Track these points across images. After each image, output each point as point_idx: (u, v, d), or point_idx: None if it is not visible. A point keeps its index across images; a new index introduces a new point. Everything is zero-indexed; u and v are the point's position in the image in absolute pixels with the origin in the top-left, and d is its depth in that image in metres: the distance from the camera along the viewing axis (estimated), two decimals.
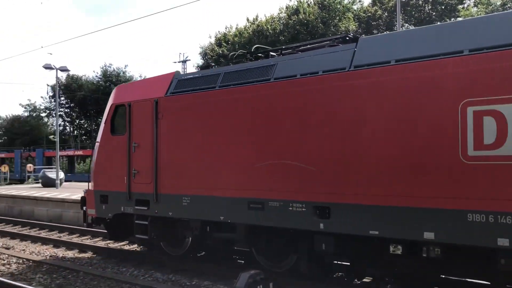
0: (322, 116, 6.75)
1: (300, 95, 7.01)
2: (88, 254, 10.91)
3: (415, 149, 5.92)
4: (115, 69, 56.81)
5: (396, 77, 6.14)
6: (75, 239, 12.95)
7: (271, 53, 8.64)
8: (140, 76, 54.18)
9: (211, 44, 43.15)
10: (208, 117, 8.12)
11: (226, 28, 44.12)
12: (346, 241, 6.83)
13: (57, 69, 24.81)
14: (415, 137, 5.94)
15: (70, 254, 11.07)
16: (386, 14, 40.06)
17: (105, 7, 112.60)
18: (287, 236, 7.60)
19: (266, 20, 40.89)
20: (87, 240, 12.63)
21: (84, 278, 8.76)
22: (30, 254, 11.08)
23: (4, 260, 10.40)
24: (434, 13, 38.59)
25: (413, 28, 8.13)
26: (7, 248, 11.80)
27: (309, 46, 8.15)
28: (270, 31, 38.92)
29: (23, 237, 13.30)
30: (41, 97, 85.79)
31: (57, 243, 12.22)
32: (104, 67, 56.75)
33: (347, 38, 7.60)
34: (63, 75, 42.79)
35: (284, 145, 7.12)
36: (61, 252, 11.23)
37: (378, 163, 6.20)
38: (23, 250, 11.62)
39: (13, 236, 13.63)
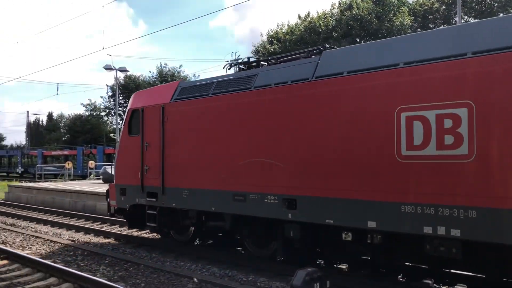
0: (289, 121, 7.93)
1: (273, 102, 8.21)
2: (147, 248, 11.30)
3: (361, 150, 6.94)
4: (170, 69, 58.27)
5: (347, 87, 7.21)
6: (134, 233, 13.45)
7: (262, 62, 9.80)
8: (194, 76, 55.28)
9: (263, 42, 43.30)
10: (201, 120, 9.54)
11: (277, 25, 44.15)
12: (309, 229, 8.00)
13: (116, 69, 25.85)
14: (361, 139, 6.91)
15: (130, 247, 11.51)
16: (443, 7, 38.61)
17: (156, 8, 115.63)
18: (265, 225, 8.79)
19: (318, 16, 40.49)
20: (145, 234, 13.09)
21: (145, 271, 9.13)
22: (94, 246, 11.67)
23: (70, 252, 11.05)
24: (496, 4, 36.74)
25: (364, 43, 9.74)
26: (73, 241, 12.49)
27: (289, 57, 9.15)
28: (323, 27, 38.52)
29: (87, 231, 14.02)
30: (101, 96, 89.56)
31: (118, 237, 12.77)
32: (160, 67, 58.34)
33: (321, 48, 8.55)
34: (121, 76, 44.35)
35: (260, 145, 8.37)
36: (122, 246, 11.72)
37: (332, 162, 7.31)
38: (87, 242, 12.24)
39: (77, 229, 14.40)
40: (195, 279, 8.20)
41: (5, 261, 10.07)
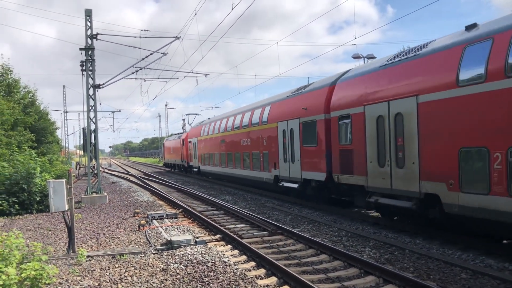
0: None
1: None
2: (409, 234, 11.17)
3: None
4: None
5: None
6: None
7: None
8: None
9: None
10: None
11: None
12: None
13: (364, 57, 26.26)
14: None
15: (392, 232, 11.50)
16: None
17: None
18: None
19: None
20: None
21: (411, 256, 9.02)
22: (356, 229, 12.09)
23: (335, 232, 11.79)
24: None
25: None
26: (334, 222, 13.20)
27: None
28: None
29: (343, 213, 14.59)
30: None
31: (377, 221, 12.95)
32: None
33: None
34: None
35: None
36: (383, 230, 11.82)
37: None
38: (349, 225, 12.76)
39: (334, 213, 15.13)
40: None
41: (280, 236, 11.36)
